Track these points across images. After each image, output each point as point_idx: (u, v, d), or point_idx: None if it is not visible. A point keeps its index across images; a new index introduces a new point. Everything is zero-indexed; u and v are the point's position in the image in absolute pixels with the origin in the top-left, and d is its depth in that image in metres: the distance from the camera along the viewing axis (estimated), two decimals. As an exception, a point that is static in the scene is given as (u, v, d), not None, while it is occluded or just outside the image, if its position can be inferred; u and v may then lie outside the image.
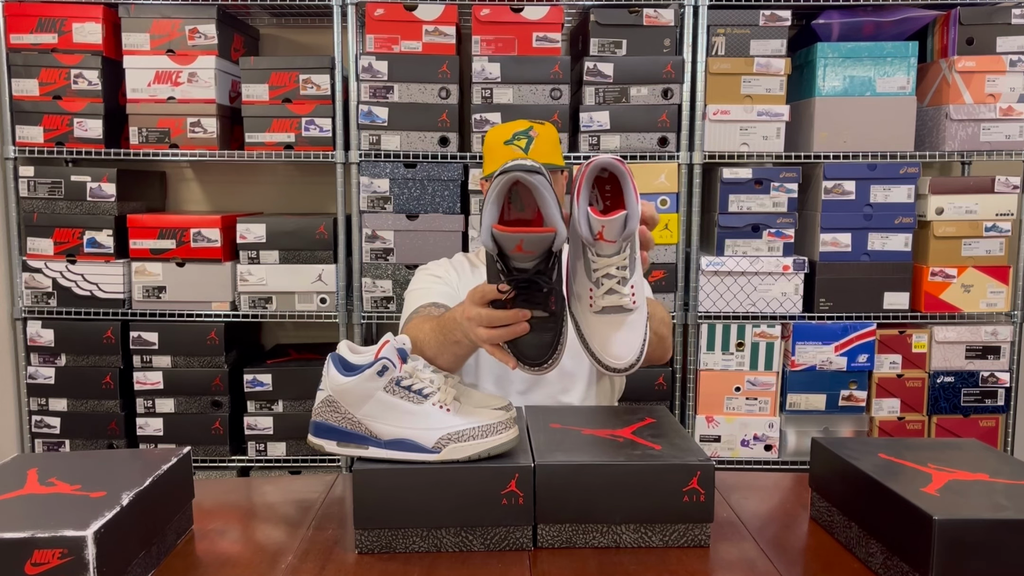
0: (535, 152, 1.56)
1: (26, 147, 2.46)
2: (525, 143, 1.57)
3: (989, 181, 2.41)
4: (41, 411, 2.51)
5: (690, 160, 2.45)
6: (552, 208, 1.01)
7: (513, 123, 1.64)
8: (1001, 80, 2.41)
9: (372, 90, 2.41)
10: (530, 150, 1.56)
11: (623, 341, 1.09)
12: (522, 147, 1.56)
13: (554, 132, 1.64)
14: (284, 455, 2.51)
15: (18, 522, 0.88)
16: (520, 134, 1.58)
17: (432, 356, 1.37)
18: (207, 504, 1.26)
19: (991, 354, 2.47)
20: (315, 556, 1.07)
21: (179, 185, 2.87)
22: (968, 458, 1.10)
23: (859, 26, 2.44)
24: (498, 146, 1.59)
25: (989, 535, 0.88)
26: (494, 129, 1.64)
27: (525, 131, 1.59)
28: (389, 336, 1.12)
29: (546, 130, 1.61)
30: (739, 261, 2.42)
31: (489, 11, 2.40)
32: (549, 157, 1.58)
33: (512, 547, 1.07)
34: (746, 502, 1.27)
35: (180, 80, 2.44)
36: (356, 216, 2.46)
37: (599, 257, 1.05)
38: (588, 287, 1.08)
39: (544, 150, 1.58)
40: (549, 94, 2.42)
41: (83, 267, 2.46)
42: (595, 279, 1.06)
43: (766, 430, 2.48)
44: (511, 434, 1.08)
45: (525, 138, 1.57)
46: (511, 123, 1.64)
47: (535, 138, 1.57)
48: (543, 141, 1.59)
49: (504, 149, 1.57)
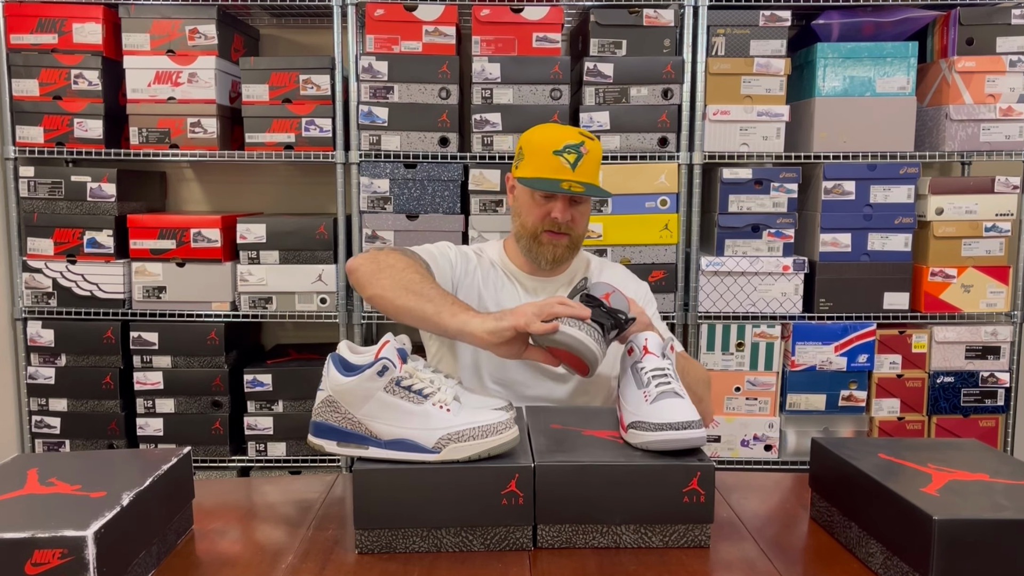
0: (583, 171, 1.50)
1: (26, 147, 2.46)
2: (575, 158, 1.50)
3: (989, 181, 2.42)
4: (41, 411, 2.51)
5: (690, 160, 2.45)
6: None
7: (564, 129, 1.55)
8: (1001, 80, 2.41)
9: (372, 90, 2.41)
10: (578, 167, 1.50)
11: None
12: (571, 162, 1.50)
13: (601, 149, 1.57)
14: (284, 455, 2.51)
15: (18, 522, 0.88)
16: (571, 148, 1.50)
17: (384, 293, 1.41)
18: (207, 504, 1.26)
19: (991, 354, 2.47)
20: (315, 556, 1.07)
21: (179, 185, 2.87)
22: (968, 458, 1.10)
23: (859, 26, 2.44)
24: (545, 152, 1.51)
25: (989, 535, 0.88)
26: (541, 130, 1.57)
27: (576, 145, 1.50)
28: (389, 336, 1.12)
29: (595, 146, 1.54)
30: (739, 261, 2.42)
31: (489, 11, 2.40)
32: (595, 177, 1.54)
33: (512, 547, 1.07)
34: (746, 502, 1.27)
35: (180, 80, 2.44)
36: (356, 216, 2.46)
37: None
38: (642, 392, 1.18)
39: (591, 169, 1.53)
40: (549, 94, 2.42)
41: (83, 267, 2.46)
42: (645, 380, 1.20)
43: (766, 430, 2.48)
44: (511, 434, 1.08)
45: (575, 153, 1.50)
46: (562, 128, 1.56)
47: (584, 155, 1.50)
48: (592, 159, 1.52)
49: (551, 159, 1.50)
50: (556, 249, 1.57)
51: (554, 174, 1.50)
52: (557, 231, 1.55)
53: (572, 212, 1.55)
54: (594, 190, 1.52)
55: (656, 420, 1.09)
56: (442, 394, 1.09)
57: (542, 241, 1.56)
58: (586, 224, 1.62)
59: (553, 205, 1.53)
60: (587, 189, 1.50)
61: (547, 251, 1.57)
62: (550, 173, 1.50)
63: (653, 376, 1.16)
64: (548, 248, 1.57)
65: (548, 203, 1.54)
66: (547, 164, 1.50)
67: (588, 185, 1.51)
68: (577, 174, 1.50)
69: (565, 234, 1.56)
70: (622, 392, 1.22)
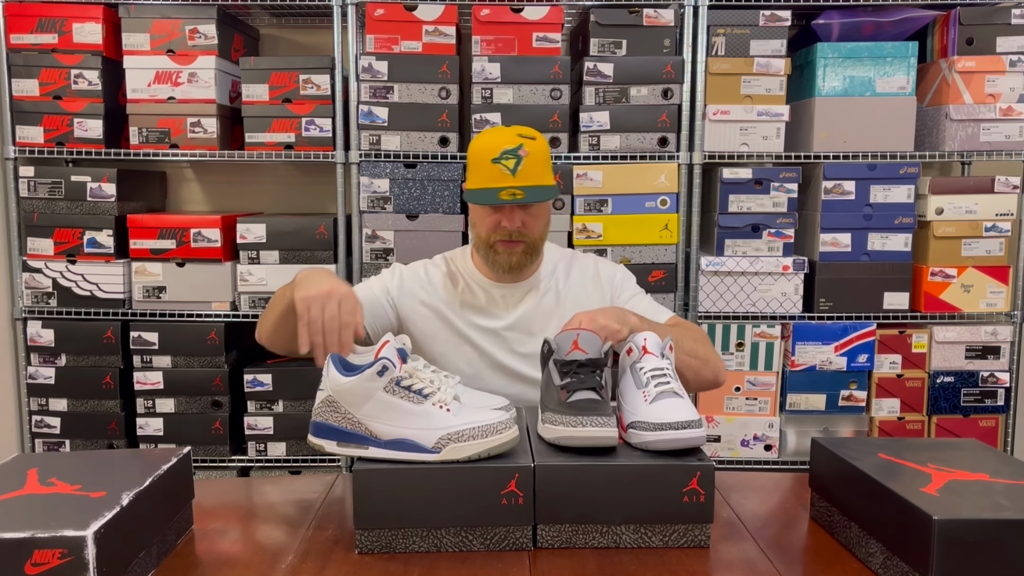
0: (524, 174, 1.45)
1: (26, 147, 2.46)
2: (514, 163, 1.45)
3: (989, 181, 2.42)
4: (41, 411, 2.51)
5: (690, 160, 2.45)
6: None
7: (502, 134, 1.50)
8: (1001, 80, 2.41)
9: (372, 90, 2.41)
10: (518, 172, 1.45)
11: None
12: (510, 168, 1.44)
13: (545, 146, 1.51)
14: (284, 455, 2.51)
15: (18, 522, 0.88)
16: (509, 153, 1.45)
17: (260, 332, 1.49)
18: (207, 504, 1.26)
19: (991, 354, 2.47)
20: (315, 556, 1.07)
21: (179, 185, 2.87)
22: (968, 458, 1.10)
23: (859, 26, 2.44)
24: (484, 161, 1.47)
25: (989, 535, 0.88)
26: (481, 138, 1.52)
27: (514, 149, 1.45)
28: (389, 336, 1.12)
29: (537, 146, 1.48)
30: (739, 261, 2.42)
31: (489, 11, 2.40)
32: (539, 178, 1.48)
33: (512, 547, 1.07)
34: (746, 502, 1.27)
35: (180, 80, 2.44)
36: (356, 216, 2.46)
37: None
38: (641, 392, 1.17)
39: (534, 171, 1.47)
40: (549, 94, 2.42)
41: (83, 267, 2.46)
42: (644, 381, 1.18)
43: (766, 430, 2.48)
44: (511, 434, 1.08)
45: (514, 158, 1.45)
46: (500, 132, 1.51)
47: (524, 158, 1.45)
48: (533, 161, 1.46)
49: (490, 168, 1.45)
50: (512, 257, 1.53)
51: (494, 183, 1.46)
52: (510, 239, 1.52)
53: (523, 217, 1.50)
54: (536, 192, 1.47)
55: (655, 420, 1.09)
56: (442, 394, 1.09)
57: (497, 250, 1.53)
58: (543, 225, 1.56)
59: (502, 214, 1.50)
60: (528, 194, 1.45)
61: (503, 260, 1.54)
62: (490, 182, 1.46)
63: (652, 376, 1.16)
64: (504, 257, 1.53)
65: (497, 212, 1.51)
66: (487, 173, 1.46)
67: (529, 188, 1.45)
68: (518, 178, 1.45)
69: (519, 241, 1.52)
70: (621, 392, 1.22)
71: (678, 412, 1.10)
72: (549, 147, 1.54)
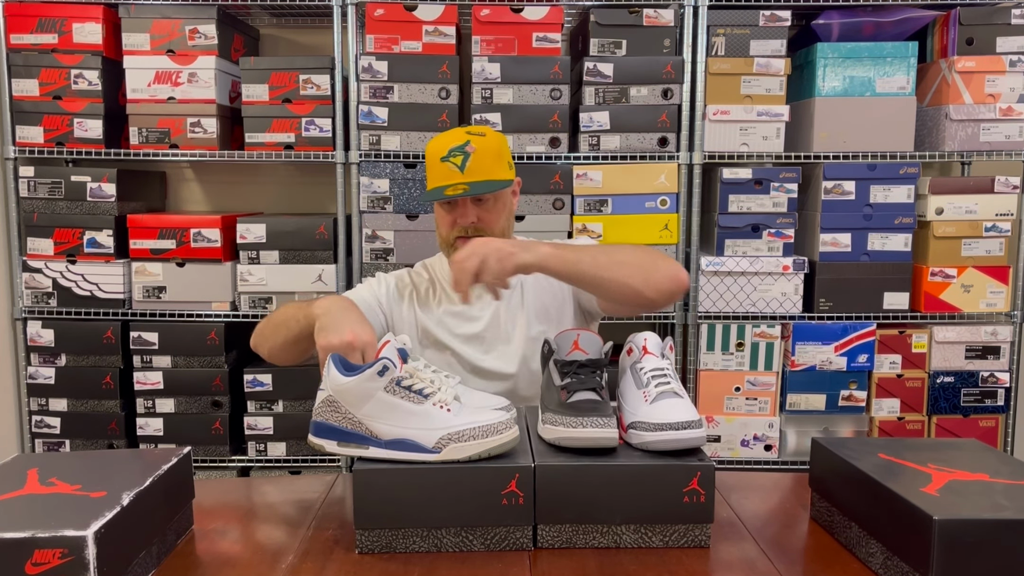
0: (472, 170, 1.46)
1: (26, 147, 2.46)
2: (461, 160, 1.46)
3: (989, 181, 2.42)
4: (41, 411, 2.51)
5: (690, 160, 2.45)
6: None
7: (451, 134, 1.51)
8: (1001, 80, 2.41)
9: (372, 90, 2.41)
10: (466, 168, 1.46)
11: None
12: (458, 164, 1.47)
13: (496, 141, 1.51)
14: (284, 455, 2.51)
15: (18, 522, 0.88)
16: (456, 150, 1.47)
17: (263, 343, 1.50)
18: (207, 504, 1.26)
19: (991, 354, 2.47)
20: (315, 556, 1.07)
21: (179, 185, 2.87)
22: (968, 458, 1.10)
23: (859, 26, 2.44)
24: (434, 161, 1.49)
25: (989, 535, 0.88)
26: (434, 140, 1.53)
27: (461, 146, 1.47)
28: (390, 336, 1.12)
29: (485, 142, 1.49)
30: (739, 261, 2.42)
31: (489, 11, 2.40)
32: (489, 173, 1.48)
33: (512, 547, 1.07)
34: (746, 502, 1.27)
35: (180, 80, 2.44)
36: (356, 216, 2.46)
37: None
38: (642, 393, 1.16)
39: (482, 166, 1.47)
40: (549, 94, 2.42)
41: (83, 267, 2.46)
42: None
43: (766, 430, 2.48)
44: (511, 434, 1.08)
45: (461, 154, 1.46)
46: (450, 133, 1.53)
47: (471, 154, 1.46)
48: (481, 156, 1.47)
49: (440, 167, 1.48)
50: None
51: (443, 181, 1.48)
52: (467, 235, 1.52)
53: (478, 213, 1.51)
54: (481, 186, 1.46)
55: (655, 420, 1.09)
56: (442, 394, 1.09)
57: (457, 248, 1.52)
58: (502, 220, 1.56)
59: (457, 212, 1.52)
60: (472, 187, 1.46)
61: None
62: (440, 181, 1.48)
63: (652, 376, 1.16)
64: None
65: (453, 211, 1.52)
66: (438, 173, 1.48)
67: (475, 183, 1.46)
68: (466, 174, 1.46)
69: (477, 236, 1.52)
70: (621, 392, 1.22)
71: (678, 412, 1.10)
72: (504, 142, 1.55)
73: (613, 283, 1.40)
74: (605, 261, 1.40)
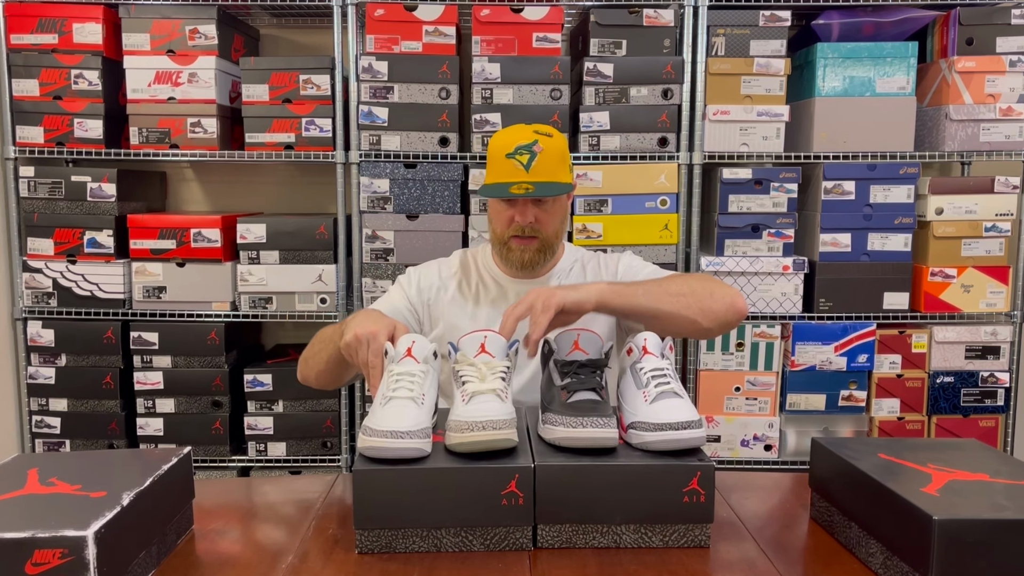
0: (537, 170, 1.45)
1: (26, 147, 2.46)
2: (527, 158, 1.45)
3: (989, 181, 2.42)
4: (41, 411, 2.51)
5: (690, 160, 2.45)
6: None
7: (519, 131, 1.51)
8: (1001, 80, 2.41)
9: (372, 90, 2.41)
10: (532, 168, 1.45)
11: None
12: (523, 163, 1.45)
13: (561, 143, 1.52)
14: (284, 455, 2.51)
15: (18, 522, 0.88)
16: (523, 148, 1.46)
17: (309, 373, 1.52)
18: (207, 504, 1.26)
19: (991, 354, 2.47)
20: (315, 556, 1.07)
21: (179, 185, 2.87)
22: (968, 458, 1.10)
23: (859, 26, 2.44)
24: (499, 157, 1.48)
25: (989, 535, 0.88)
26: (499, 134, 1.53)
27: (529, 145, 1.46)
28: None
29: (552, 143, 1.48)
30: (739, 261, 2.42)
31: (489, 11, 2.40)
32: (554, 175, 1.47)
33: (512, 547, 1.07)
34: (746, 502, 1.27)
35: (180, 80, 2.44)
36: (356, 216, 2.46)
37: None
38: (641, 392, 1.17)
39: (548, 167, 1.47)
40: (549, 94, 2.42)
41: (83, 267, 2.46)
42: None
43: (766, 430, 2.48)
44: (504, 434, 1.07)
45: (528, 153, 1.46)
46: (517, 129, 1.52)
47: (538, 154, 1.46)
48: (547, 157, 1.46)
49: (505, 163, 1.47)
50: (524, 254, 1.54)
51: (507, 178, 1.47)
52: (523, 235, 1.52)
53: (536, 213, 1.51)
54: (548, 188, 1.47)
55: (655, 420, 1.09)
56: (472, 386, 1.12)
57: (511, 247, 1.54)
58: (558, 223, 1.56)
59: (515, 210, 1.51)
60: (537, 188, 1.45)
61: (516, 256, 1.55)
62: (503, 177, 1.47)
63: (652, 376, 1.16)
64: (517, 253, 1.54)
65: (511, 208, 1.52)
66: (501, 168, 1.48)
67: (540, 184, 1.46)
68: (531, 174, 1.46)
69: (533, 237, 1.53)
70: (621, 392, 1.22)
71: (678, 412, 1.10)
72: (567, 145, 1.55)
73: (669, 316, 1.39)
74: (659, 292, 1.39)
